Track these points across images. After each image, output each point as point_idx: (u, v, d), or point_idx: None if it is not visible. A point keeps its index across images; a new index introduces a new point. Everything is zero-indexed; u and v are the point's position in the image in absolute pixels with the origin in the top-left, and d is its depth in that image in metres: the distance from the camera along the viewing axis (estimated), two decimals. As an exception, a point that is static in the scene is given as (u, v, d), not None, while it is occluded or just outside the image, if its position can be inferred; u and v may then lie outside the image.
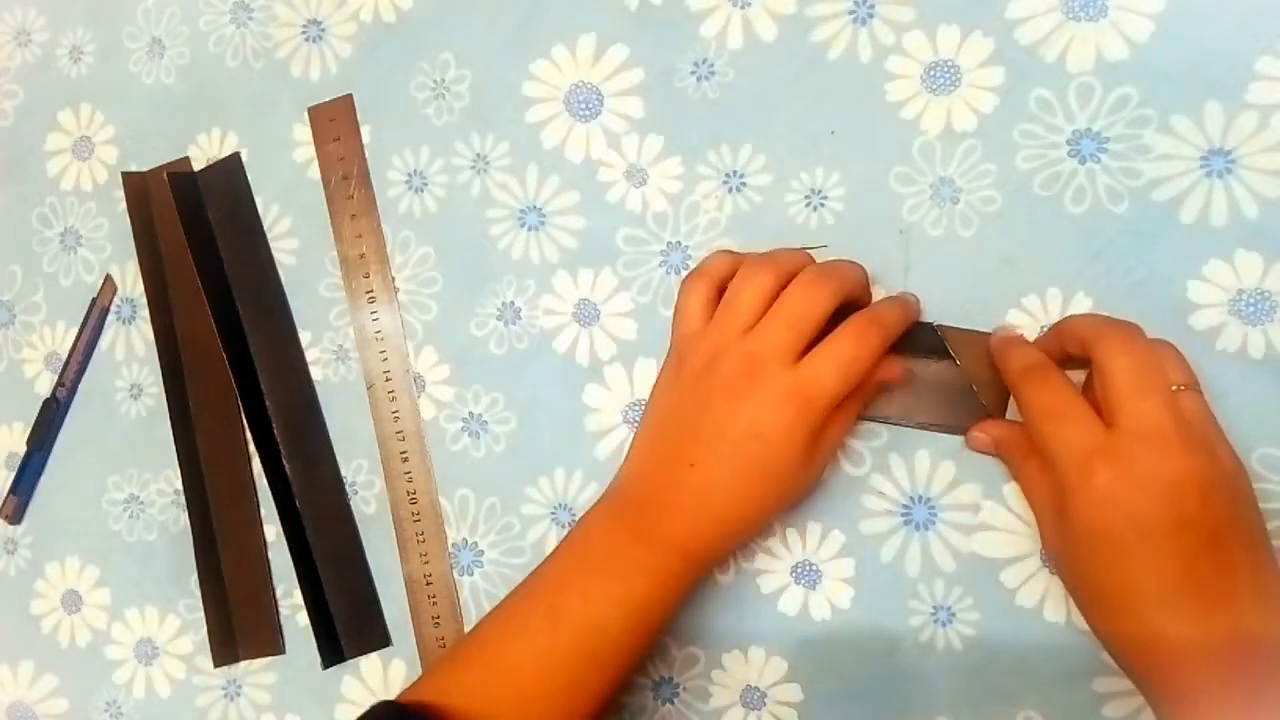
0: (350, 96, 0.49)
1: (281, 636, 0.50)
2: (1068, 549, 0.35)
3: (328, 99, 0.49)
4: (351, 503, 0.49)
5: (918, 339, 0.41)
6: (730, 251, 0.42)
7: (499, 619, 0.40)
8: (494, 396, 0.47)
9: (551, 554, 0.41)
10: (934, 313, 0.41)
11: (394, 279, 0.48)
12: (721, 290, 0.40)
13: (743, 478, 0.38)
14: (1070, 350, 0.37)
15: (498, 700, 0.38)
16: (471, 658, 0.39)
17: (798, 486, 0.39)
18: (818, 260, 0.41)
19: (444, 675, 0.39)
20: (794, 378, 0.37)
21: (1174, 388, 0.35)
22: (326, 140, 0.49)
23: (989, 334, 0.40)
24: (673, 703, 0.44)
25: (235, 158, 0.51)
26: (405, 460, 0.48)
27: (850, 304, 0.39)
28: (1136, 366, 0.34)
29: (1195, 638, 0.32)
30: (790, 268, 0.39)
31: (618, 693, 0.40)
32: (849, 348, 0.37)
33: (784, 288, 0.39)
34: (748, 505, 0.38)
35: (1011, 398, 0.39)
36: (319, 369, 0.49)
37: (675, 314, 0.41)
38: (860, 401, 0.40)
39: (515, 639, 0.39)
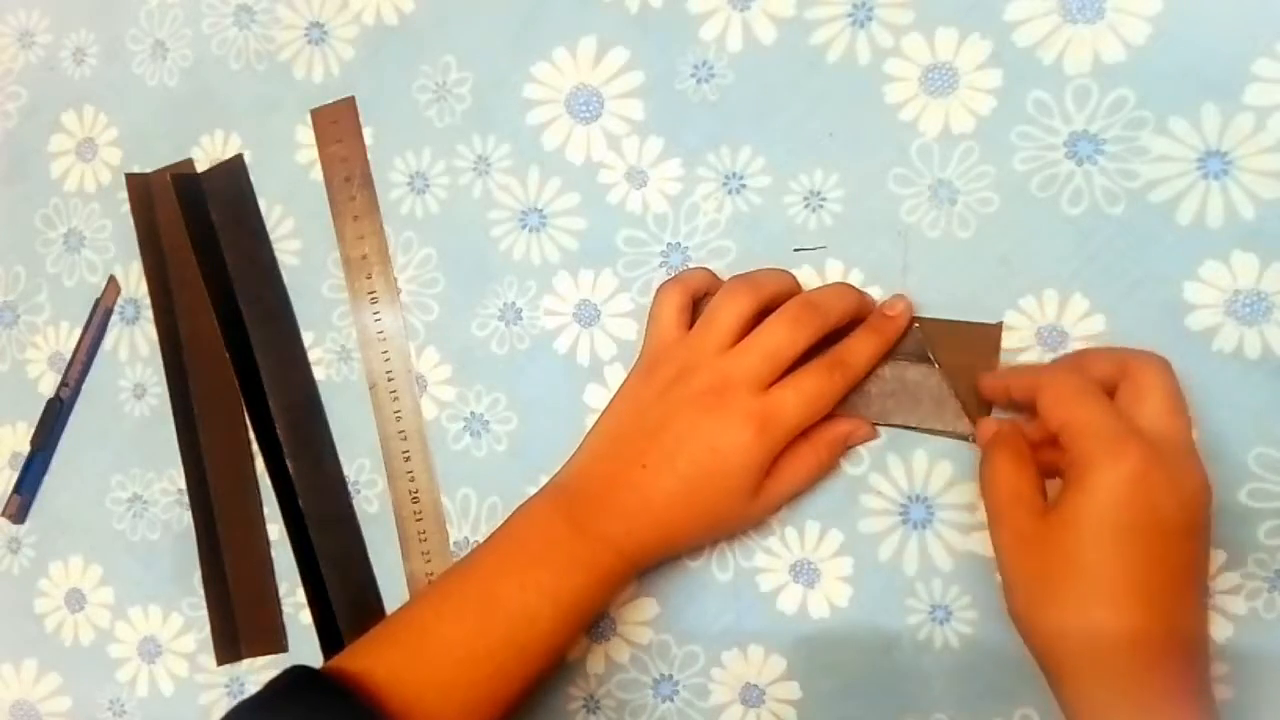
0: (353, 99, 0.49)
1: (284, 635, 0.50)
2: (1055, 526, 0.34)
3: (330, 101, 0.49)
4: (354, 502, 0.49)
5: (899, 339, 0.41)
6: (708, 270, 0.43)
7: (433, 600, 0.41)
8: (495, 396, 0.47)
9: (491, 537, 0.42)
10: (931, 314, 0.41)
11: (396, 280, 0.48)
12: (696, 301, 0.42)
13: (690, 487, 0.39)
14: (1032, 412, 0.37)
15: (424, 681, 0.38)
16: (401, 636, 0.40)
17: (743, 512, 0.40)
18: (818, 256, 0.42)
19: (371, 651, 0.40)
20: (759, 402, 0.38)
21: None
22: (329, 142, 0.49)
23: (970, 324, 0.41)
24: (672, 700, 0.45)
25: (238, 159, 0.51)
26: (407, 460, 0.48)
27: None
28: (1100, 426, 0.34)
29: (1151, 630, 0.33)
30: (770, 292, 0.40)
31: (540, 683, 0.41)
32: (815, 384, 0.39)
33: (762, 311, 0.40)
34: (689, 515, 0.40)
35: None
36: (321, 369, 0.50)
37: (650, 319, 0.42)
38: (825, 456, 0.41)
39: (447, 622, 0.39)
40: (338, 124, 0.49)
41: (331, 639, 0.48)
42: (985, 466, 0.37)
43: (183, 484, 0.51)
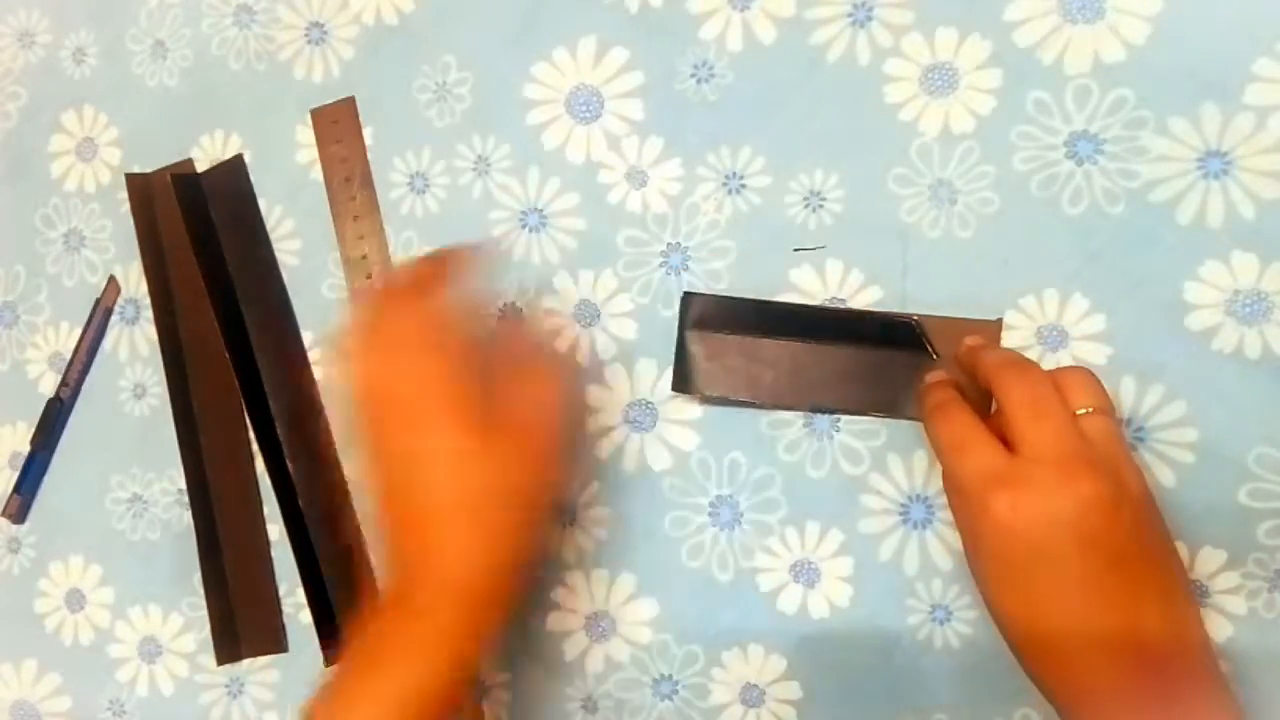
0: (353, 99, 0.49)
1: (284, 635, 0.50)
2: (981, 573, 0.35)
3: (330, 101, 0.49)
4: (354, 502, 0.49)
5: (896, 334, 0.41)
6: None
7: None
8: (495, 396, 0.47)
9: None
10: (932, 314, 0.41)
11: (396, 280, 0.48)
12: None
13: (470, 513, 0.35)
14: (982, 385, 0.38)
15: None
16: None
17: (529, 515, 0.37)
18: (818, 255, 0.42)
19: None
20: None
21: (1082, 410, 0.35)
22: (329, 142, 0.49)
23: (970, 321, 0.41)
24: (671, 700, 0.45)
25: (238, 159, 0.51)
26: None
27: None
28: (1029, 395, 0.34)
29: (1101, 658, 0.33)
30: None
31: None
32: (536, 416, 0.37)
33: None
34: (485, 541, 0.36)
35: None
36: (322, 369, 0.50)
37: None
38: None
39: None
40: (338, 124, 0.49)
41: (331, 639, 0.48)
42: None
43: (183, 484, 0.51)
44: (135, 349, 0.53)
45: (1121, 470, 0.34)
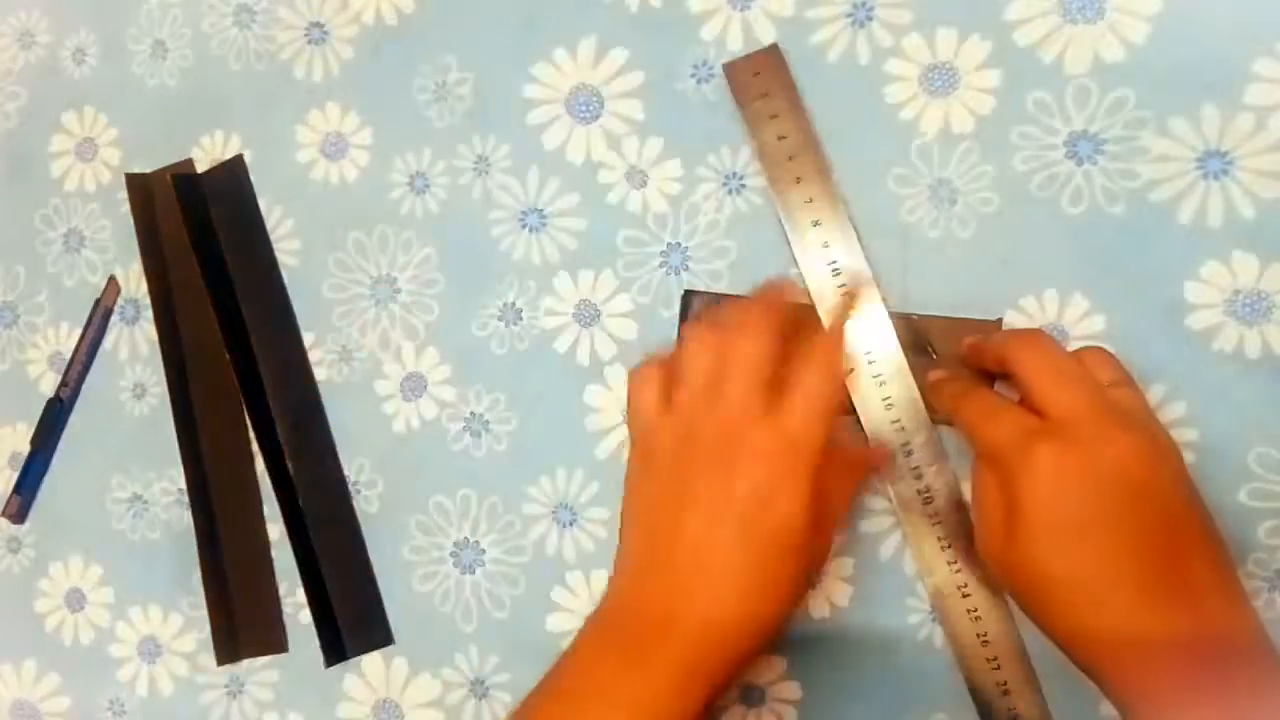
0: (775, 47, 0.43)
1: (284, 635, 0.50)
2: (1020, 548, 0.33)
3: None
4: (354, 502, 0.49)
5: (896, 332, 0.41)
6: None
7: None
8: (495, 397, 0.47)
9: (544, 684, 0.36)
10: (931, 314, 0.41)
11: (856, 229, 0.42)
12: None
13: (754, 551, 0.33)
14: (992, 369, 0.37)
15: None
16: None
17: (812, 556, 0.35)
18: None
19: None
20: (773, 431, 0.34)
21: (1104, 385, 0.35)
22: (753, 98, 0.43)
23: (969, 320, 0.40)
24: (673, 701, 0.45)
25: (239, 160, 0.51)
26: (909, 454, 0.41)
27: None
28: (1050, 364, 0.34)
29: (1154, 627, 0.31)
30: (735, 324, 0.37)
31: None
32: (815, 382, 0.35)
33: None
34: (763, 587, 0.34)
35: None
36: (322, 369, 0.50)
37: (629, 411, 0.38)
38: (857, 479, 0.40)
39: None
40: (760, 76, 0.43)
41: (331, 639, 0.48)
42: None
43: (183, 484, 0.51)
44: (135, 349, 0.53)
45: (1156, 430, 0.34)
